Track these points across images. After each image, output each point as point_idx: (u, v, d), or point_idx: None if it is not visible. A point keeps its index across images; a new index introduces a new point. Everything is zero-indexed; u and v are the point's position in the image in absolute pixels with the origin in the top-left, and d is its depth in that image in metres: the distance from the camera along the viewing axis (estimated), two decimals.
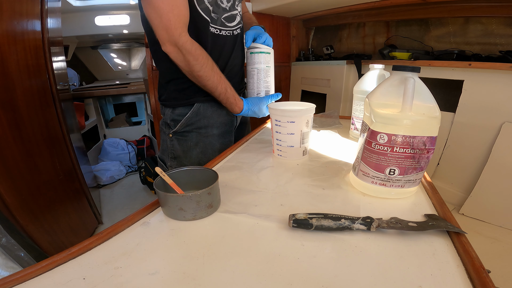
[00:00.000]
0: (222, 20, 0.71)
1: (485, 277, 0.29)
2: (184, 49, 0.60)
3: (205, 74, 0.64)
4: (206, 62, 0.63)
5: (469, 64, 1.21)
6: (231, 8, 0.72)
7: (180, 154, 0.77)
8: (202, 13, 0.64)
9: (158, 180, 0.46)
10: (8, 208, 0.91)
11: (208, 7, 0.64)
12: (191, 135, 0.76)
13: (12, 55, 1.01)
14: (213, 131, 0.78)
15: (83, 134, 2.09)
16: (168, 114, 0.77)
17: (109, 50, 2.97)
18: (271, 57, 0.80)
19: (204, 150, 0.78)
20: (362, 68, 1.70)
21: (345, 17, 1.89)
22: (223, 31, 0.72)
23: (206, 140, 0.77)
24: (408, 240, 0.37)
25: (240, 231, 0.40)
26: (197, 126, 0.76)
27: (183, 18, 0.60)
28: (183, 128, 0.75)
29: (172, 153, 0.78)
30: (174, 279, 0.31)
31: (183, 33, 0.60)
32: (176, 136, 0.77)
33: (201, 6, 0.63)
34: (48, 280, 0.31)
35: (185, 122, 0.75)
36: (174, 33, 0.59)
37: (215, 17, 0.68)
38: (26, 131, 1.05)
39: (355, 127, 0.81)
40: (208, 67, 0.64)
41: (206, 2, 0.64)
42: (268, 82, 0.81)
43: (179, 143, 0.77)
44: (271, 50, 0.79)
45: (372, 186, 0.48)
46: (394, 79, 0.46)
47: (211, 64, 0.65)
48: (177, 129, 0.75)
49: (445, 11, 1.39)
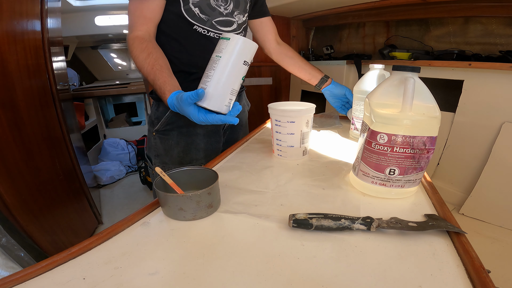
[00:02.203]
0: (213, 23, 0.71)
1: (485, 277, 0.29)
2: (129, 43, 0.66)
3: (138, 65, 0.65)
4: (139, 54, 0.63)
5: (469, 64, 1.21)
6: (228, 15, 0.73)
7: (162, 153, 0.77)
8: (185, 14, 0.68)
9: (158, 180, 0.46)
10: (8, 208, 0.91)
11: (191, 9, 0.68)
12: (172, 133, 0.76)
13: (12, 55, 1.00)
14: (196, 131, 0.76)
15: (83, 134, 2.09)
16: (153, 111, 0.77)
17: (109, 50, 2.96)
18: (229, 47, 0.54)
19: (186, 149, 0.77)
20: (362, 68, 1.70)
21: (345, 17, 1.89)
22: (211, 33, 0.72)
23: (189, 139, 0.76)
24: (408, 240, 0.37)
25: (240, 231, 0.40)
26: (178, 125, 0.75)
27: (143, 20, 0.65)
28: (164, 126, 0.75)
29: (155, 151, 0.78)
30: (174, 279, 0.31)
31: (135, 31, 0.65)
32: (158, 135, 0.76)
33: (185, 7, 0.67)
34: (48, 280, 0.31)
35: (166, 120, 0.74)
36: (130, 29, 0.67)
37: (204, 18, 0.69)
38: (26, 131, 1.05)
39: (355, 127, 0.81)
40: (141, 59, 0.63)
41: (190, 4, 0.67)
42: (209, 77, 0.55)
43: (161, 141, 0.76)
44: (233, 36, 0.55)
45: (372, 186, 0.48)
46: (394, 79, 0.46)
47: (145, 57, 0.63)
48: (158, 128, 0.75)
49: (445, 11, 1.39)
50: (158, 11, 0.67)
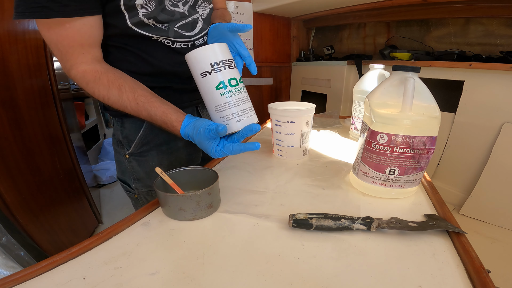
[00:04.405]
0: (176, 30, 0.55)
1: (485, 277, 0.29)
2: (78, 81, 0.50)
3: (115, 106, 0.51)
4: (106, 92, 0.49)
5: (469, 65, 1.21)
6: (191, 12, 0.56)
7: (142, 176, 0.64)
8: (135, 28, 0.51)
9: (158, 180, 0.46)
10: (8, 208, 0.91)
11: (144, 21, 0.51)
12: (151, 154, 0.63)
13: (13, 54, 1.01)
14: (177, 144, 0.65)
15: (83, 133, 2.09)
16: (118, 129, 0.63)
17: None
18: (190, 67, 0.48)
19: (171, 167, 0.55)
20: (363, 68, 1.70)
21: (346, 17, 1.89)
22: (176, 44, 0.56)
23: (171, 156, 0.65)
24: (408, 240, 0.37)
25: (240, 231, 0.40)
26: (156, 144, 0.63)
27: (78, 49, 0.48)
28: (139, 148, 0.62)
29: (133, 175, 0.65)
30: (174, 279, 0.31)
31: (76, 65, 0.49)
32: (133, 157, 0.63)
33: (132, 21, 0.50)
34: (48, 280, 0.31)
35: (140, 141, 0.61)
36: (65, 64, 0.50)
37: (164, 27, 0.53)
38: (26, 130, 1.05)
39: (355, 127, 0.81)
40: (113, 98, 0.50)
41: (140, 16, 0.50)
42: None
43: (139, 164, 0.63)
44: (186, 56, 0.48)
45: (372, 186, 0.48)
46: (394, 79, 0.46)
47: (117, 94, 0.49)
48: (132, 151, 0.62)
49: (446, 11, 1.39)
50: (95, 31, 0.48)
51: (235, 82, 0.47)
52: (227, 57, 0.48)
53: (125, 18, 0.49)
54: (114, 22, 0.50)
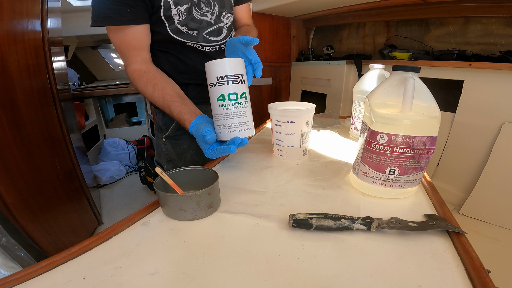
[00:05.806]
0: (205, 36, 0.68)
1: (485, 277, 0.29)
2: (129, 77, 0.65)
3: (148, 99, 0.65)
4: (145, 89, 0.63)
5: (469, 64, 1.21)
6: (217, 21, 0.70)
7: (174, 158, 0.77)
8: (173, 34, 0.65)
9: (158, 180, 0.46)
10: (8, 208, 0.91)
11: (178, 28, 0.64)
12: (183, 138, 0.75)
13: (12, 55, 1.00)
14: None
15: (83, 134, 2.09)
16: (160, 117, 0.77)
17: (109, 50, 2.96)
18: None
19: (198, 152, 0.75)
20: (362, 68, 1.70)
21: (345, 17, 1.89)
22: (206, 47, 0.70)
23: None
24: (408, 240, 0.37)
25: (240, 231, 0.40)
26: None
27: (132, 51, 0.63)
28: (175, 132, 0.75)
29: (168, 157, 0.78)
30: (174, 279, 0.31)
31: (130, 65, 0.64)
32: (169, 140, 0.76)
33: (171, 28, 0.64)
34: (48, 280, 0.31)
35: (176, 126, 0.74)
36: (124, 63, 0.65)
37: (194, 34, 0.67)
38: (26, 131, 1.05)
39: (355, 127, 0.81)
40: (148, 93, 0.63)
41: (176, 24, 0.64)
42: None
43: (172, 146, 0.76)
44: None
45: (372, 186, 0.48)
46: (394, 79, 0.46)
47: (151, 91, 0.63)
48: (169, 134, 0.75)
49: (445, 11, 1.39)
50: (144, 37, 0.63)
51: (235, 97, 0.53)
52: (235, 72, 0.53)
53: (165, 26, 0.64)
54: (158, 30, 0.64)
